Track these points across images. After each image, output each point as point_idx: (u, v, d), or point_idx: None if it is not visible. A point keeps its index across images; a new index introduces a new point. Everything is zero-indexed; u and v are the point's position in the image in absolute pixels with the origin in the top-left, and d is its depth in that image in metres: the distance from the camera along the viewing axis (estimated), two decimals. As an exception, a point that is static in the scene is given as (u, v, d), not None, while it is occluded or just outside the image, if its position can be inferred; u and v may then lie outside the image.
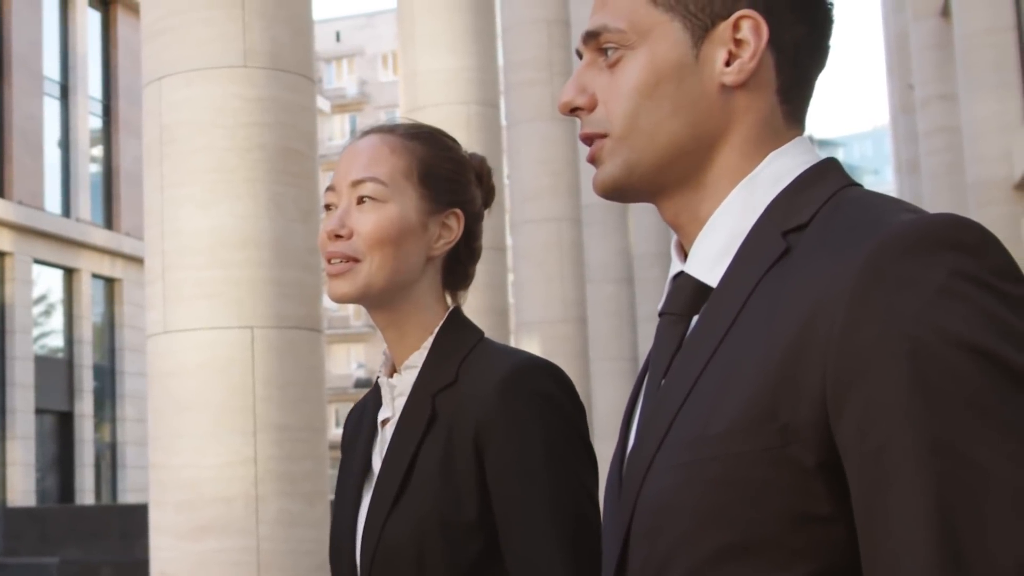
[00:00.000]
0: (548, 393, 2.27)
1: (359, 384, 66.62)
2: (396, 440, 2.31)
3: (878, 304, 1.23)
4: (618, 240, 18.46)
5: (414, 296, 2.37)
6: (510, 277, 13.49)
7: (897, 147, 31.29)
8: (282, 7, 6.00)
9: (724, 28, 1.45)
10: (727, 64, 1.45)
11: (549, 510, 2.20)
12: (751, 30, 1.44)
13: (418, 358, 2.36)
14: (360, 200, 2.34)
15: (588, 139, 1.52)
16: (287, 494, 5.69)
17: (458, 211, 2.41)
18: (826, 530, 1.27)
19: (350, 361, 70.11)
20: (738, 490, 1.29)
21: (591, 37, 1.52)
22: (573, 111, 1.52)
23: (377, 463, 2.36)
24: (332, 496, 2.82)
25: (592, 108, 1.50)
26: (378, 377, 2.46)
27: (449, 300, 2.44)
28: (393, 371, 2.42)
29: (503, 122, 12.15)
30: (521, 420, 2.23)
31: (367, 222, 2.32)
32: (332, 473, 4.82)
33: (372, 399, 2.48)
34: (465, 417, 2.25)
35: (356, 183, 2.35)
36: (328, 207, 2.39)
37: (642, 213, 21.64)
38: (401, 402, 2.36)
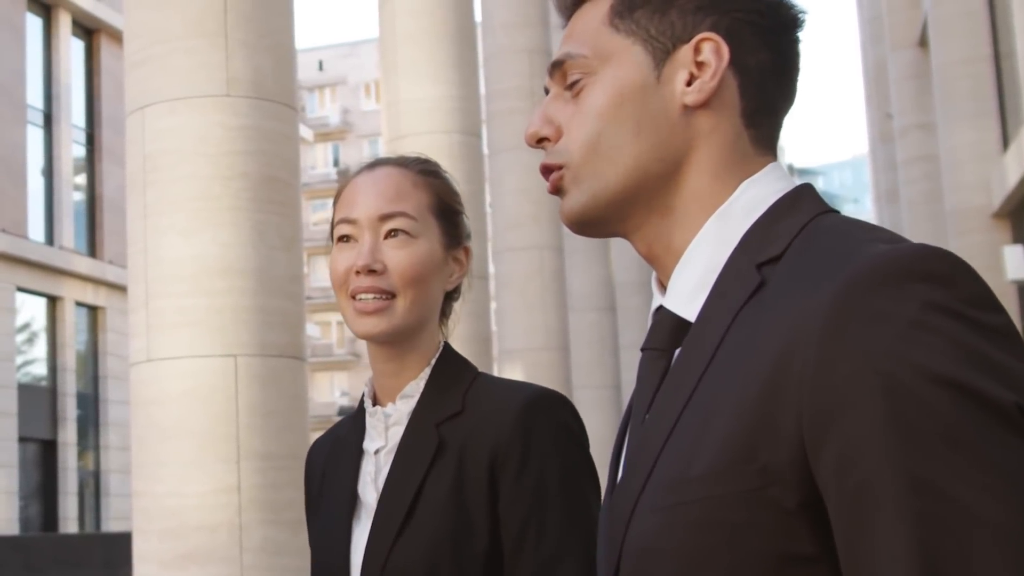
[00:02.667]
0: (564, 423, 2.31)
1: (342, 412, 66.33)
2: (397, 469, 2.31)
3: (850, 341, 1.20)
4: (600, 268, 18.50)
5: (427, 330, 2.39)
6: (492, 305, 13.49)
7: (876, 176, 31.36)
8: (265, 36, 6.03)
9: (685, 51, 1.46)
10: (688, 84, 1.45)
11: (560, 537, 2.23)
12: (712, 52, 1.45)
13: (414, 388, 2.37)
14: (389, 235, 2.33)
15: (546, 170, 1.53)
16: (271, 522, 5.69)
17: (467, 246, 2.45)
18: (810, 570, 1.25)
19: (333, 389, 69.89)
20: (720, 533, 1.27)
21: (556, 67, 1.53)
22: (539, 142, 1.54)
23: (367, 492, 2.36)
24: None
25: (557, 139, 1.51)
26: (361, 405, 2.45)
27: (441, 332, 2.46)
28: (378, 401, 2.42)
29: (485, 151, 12.18)
30: (539, 449, 2.25)
31: (401, 258, 2.31)
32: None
33: (351, 428, 2.46)
34: (479, 446, 2.26)
35: (385, 217, 2.33)
36: (343, 239, 2.36)
37: (624, 242, 21.62)
38: (397, 431, 2.36)
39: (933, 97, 18.92)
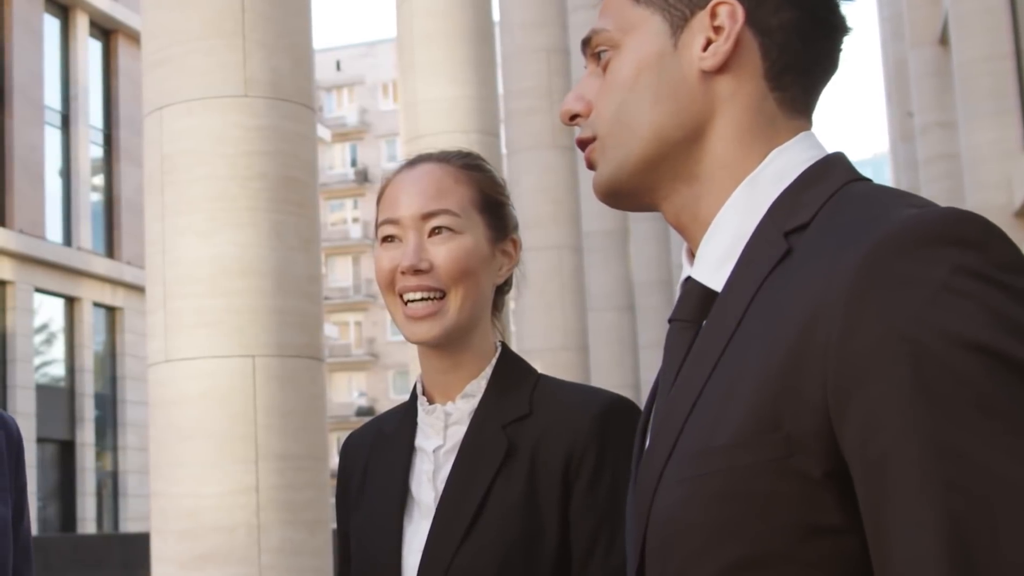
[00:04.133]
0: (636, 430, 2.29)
1: (360, 412, 66.49)
2: (462, 469, 2.27)
3: (876, 306, 1.18)
4: (619, 268, 18.47)
5: (480, 327, 2.36)
6: (511, 305, 13.45)
7: (897, 174, 31.31)
8: (282, 36, 6.02)
9: (702, 16, 1.44)
10: (704, 50, 1.44)
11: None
12: (727, 15, 1.43)
13: (476, 387, 2.34)
14: (433, 232, 2.30)
15: (581, 144, 1.52)
16: (289, 523, 5.68)
17: (515, 237, 2.42)
18: (838, 542, 1.22)
19: (351, 389, 70.01)
20: (744, 503, 1.25)
21: (586, 44, 1.53)
22: (573, 119, 1.52)
23: (422, 491, 2.32)
24: (335, 525, 2.78)
25: (588, 113, 1.50)
26: (411, 401, 2.42)
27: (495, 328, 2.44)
28: (431, 399, 2.38)
29: (503, 151, 12.17)
30: (615, 456, 2.23)
31: (446, 254, 2.28)
32: (334, 501, 4.83)
33: (400, 424, 2.42)
34: (552, 449, 2.24)
35: (428, 215, 2.30)
36: (387, 239, 2.33)
37: (643, 241, 21.65)
38: (457, 430, 2.33)
39: (954, 95, 18.90)
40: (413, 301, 2.28)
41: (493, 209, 2.39)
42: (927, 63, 23.70)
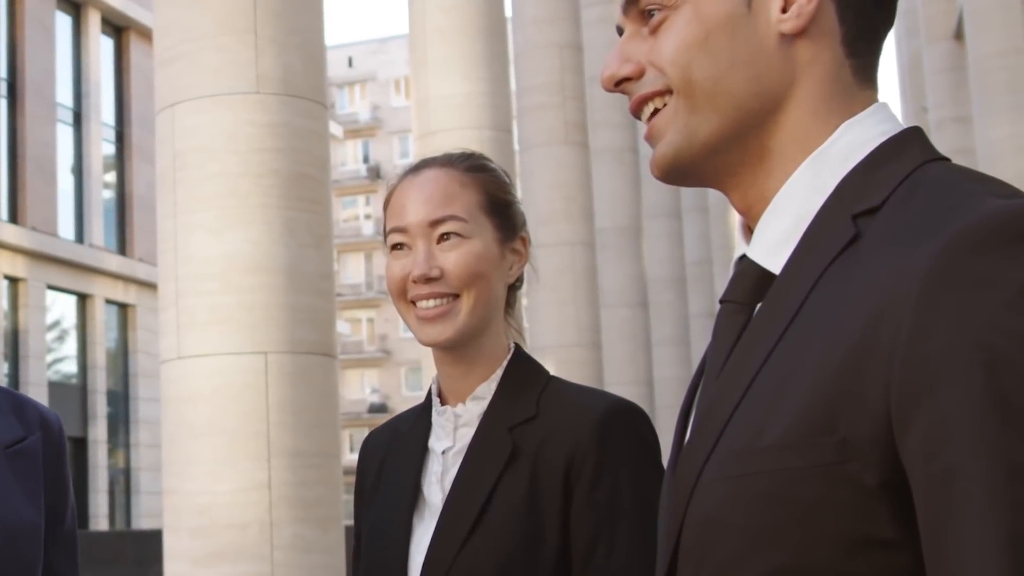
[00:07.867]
0: (642, 435, 2.29)
1: (373, 409, 66.54)
2: (468, 471, 2.29)
3: (950, 308, 1.08)
4: (632, 264, 18.43)
5: (492, 329, 2.36)
6: (524, 302, 13.43)
7: (911, 170, 31.25)
8: (294, 33, 6.01)
9: None
10: (783, 11, 1.32)
11: (630, 551, 2.20)
12: None
13: (486, 389, 2.34)
14: (441, 239, 2.30)
15: (642, 103, 1.39)
16: (301, 520, 5.68)
17: (524, 235, 2.42)
18: (889, 557, 1.13)
19: (364, 386, 70.03)
20: (790, 509, 1.16)
21: (631, 3, 1.39)
22: (619, 84, 1.39)
23: (432, 492, 2.34)
24: (347, 522, 2.78)
25: (640, 75, 1.37)
26: (427, 402, 2.43)
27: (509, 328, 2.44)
28: (444, 400, 2.40)
29: (516, 147, 12.16)
30: (615, 461, 2.23)
31: (455, 259, 2.29)
32: (347, 499, 4.82)
33: (415, 425, 2.43)
34: (554, 452, 2.24)
35: (436, 222, 2.30)
36: (396, 247, 2.34)
37: (656, 238, 21.63)
38: (466, 432, 2.34)
39: (969, 90, 18.83)
40: (425, 306, 2.29)
41: (500, 210, 2.38)
42: (942, 58, 23.62)
